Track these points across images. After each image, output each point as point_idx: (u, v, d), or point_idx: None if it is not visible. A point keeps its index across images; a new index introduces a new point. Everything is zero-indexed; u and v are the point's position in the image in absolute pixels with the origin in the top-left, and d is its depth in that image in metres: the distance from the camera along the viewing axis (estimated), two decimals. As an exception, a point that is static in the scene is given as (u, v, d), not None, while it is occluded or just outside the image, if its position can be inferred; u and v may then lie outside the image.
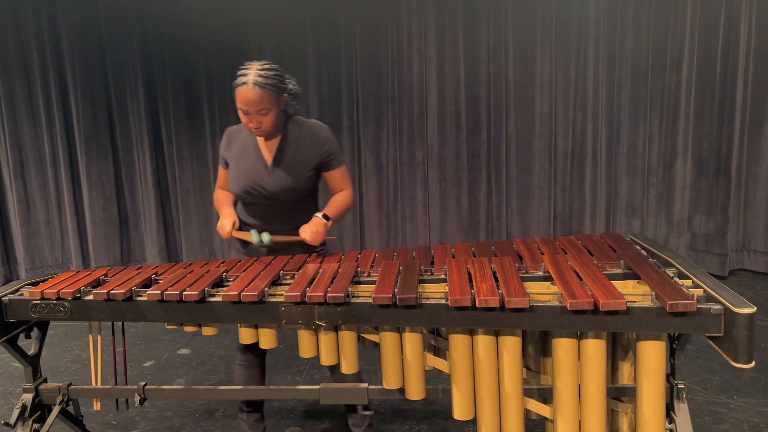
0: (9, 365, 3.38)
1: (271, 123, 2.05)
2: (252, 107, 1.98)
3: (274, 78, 2.00)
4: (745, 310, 1.41)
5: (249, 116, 2.02)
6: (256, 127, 2.04)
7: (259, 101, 1.97)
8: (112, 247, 4.92)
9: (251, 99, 1.97)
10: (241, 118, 2.05)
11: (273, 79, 2.00)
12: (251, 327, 1.83)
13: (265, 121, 2.03)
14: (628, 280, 1.72)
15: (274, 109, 2.03)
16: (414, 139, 4.73)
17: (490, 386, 1.64)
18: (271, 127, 2.06)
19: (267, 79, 1.98)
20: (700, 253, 4.63)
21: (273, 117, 2.04)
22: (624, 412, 1.78)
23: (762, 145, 4.44)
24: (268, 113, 2.02)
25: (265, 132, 2.06)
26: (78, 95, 4.68)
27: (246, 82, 1.96)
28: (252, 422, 2.39)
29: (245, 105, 1.99)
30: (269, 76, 1.99)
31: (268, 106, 2.00)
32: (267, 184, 2.14)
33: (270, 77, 1.99)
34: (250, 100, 1.97)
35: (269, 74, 1.99)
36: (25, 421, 2.02)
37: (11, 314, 1.89)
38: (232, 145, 2.22)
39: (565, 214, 4.76)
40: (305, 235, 2.11)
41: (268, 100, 1.99)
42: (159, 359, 3.44)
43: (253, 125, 2.04)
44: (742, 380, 2.89)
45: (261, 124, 2.03)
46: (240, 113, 2.03)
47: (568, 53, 4.52)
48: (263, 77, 1.97)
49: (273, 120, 2.05)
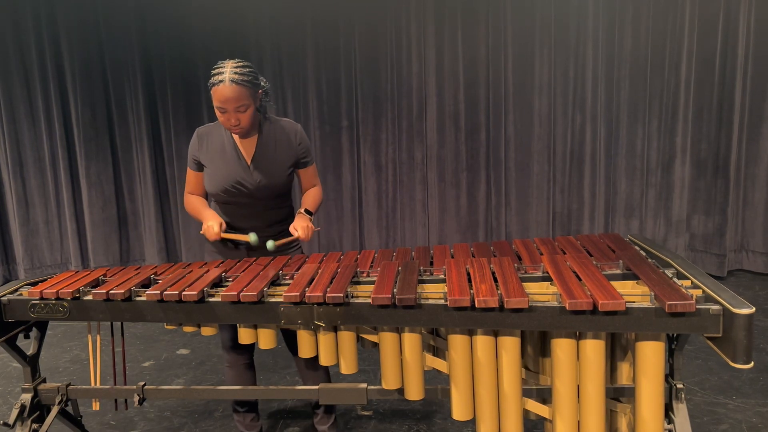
0: (8, 365, 3.38)
1: (249, 119, 2.06)
2: (230, 104, 1.99)
3: (249, 75, 2.02)
4: (744, 311, 1.41)
5: (227, 114, 2.02)
6: (235, 125, 2.05)
7: (236, 98, 1.98)
8: (111, 247, 4.92)
9: (229, 96, 1.98)
10: (219, 116, 2.05)
11: (248, 76, 2.01)
12: (250, 327, 1.83)
13: (243, 118, 2.04)
14: (626, 280, 1.72)
15: (252, 105, 2.04)
16: (413, 139, 4.73)
17: (489, 386, 1.64)
18: (249, 123, 2.07)
19: (243, 76, 1.99)
20: (699, 254, 4.64)
21: (250, 113, 2.05)
22: (623, 413, 1.79)
23: (760, 145, 4.44)
24: (246, 110, 2.03)
25: (243, 129, 2.07)
26: (77, 95, 4.68)
27: (223, 80, 1.97)
28: (248, 422, 2.39)
29: (223, 103, 1.99)
30: (244, 72, 2.00)
31: (245, 102, 2.01)
32: (247, 183, 2.15)
33: (245, 74, 2.00)
34: (228, 97, 1.98)
35: (244, 71, 2.00)
36: (24, 421, 2.02)
37: (10, 314, 1.89)
38: (204, 145, 2.20)
39: (564, 215, 4.76)
40: (299, 232, 2.14)
41: (245, 96, 2.00)
42: (158, 359, 3.44)
43: (231, 123, 2.04)
44: (740, 380, 2.89)
45: (240, 121, 2.04)
46: (217, 112, 2.04)
47: (567, 54, 4.53)
48: (239, 74, 1.98)
49: (250, 116, 2.06)
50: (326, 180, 4.82)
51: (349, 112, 4.73)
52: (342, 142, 4.76)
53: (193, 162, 2.23)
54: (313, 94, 4.71)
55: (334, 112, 4.73)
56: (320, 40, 4.64)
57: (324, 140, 4.78)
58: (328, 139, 4.76)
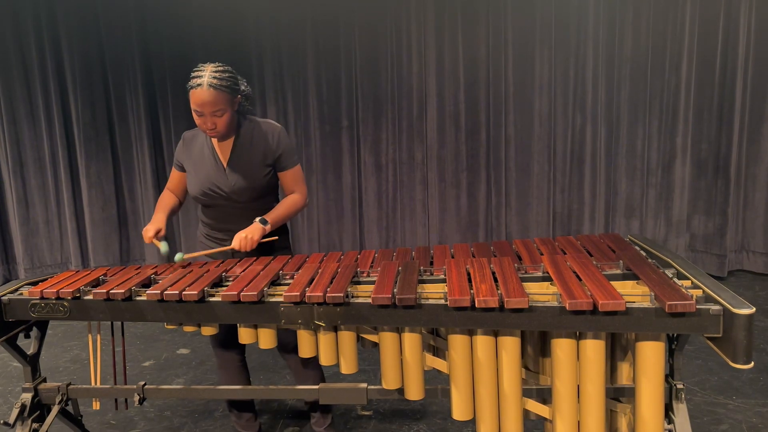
0: (8, 365, 3.38)
1: (225, 124, 2.06)
2: (207, 108, 2.00)
3: (228, 80, 2.02)
4: (744, 311, 1.41)
5: (203, 117, 2.03)
6: (211, 129, 2.05)
7: (213, 102, 1.99)
8: (111, 246, 4.92)
9: (206, 100, 1.98)
10: (196, 119, 2.06)
11: (227, 81, 2.01)
12: (250, 327, 1.83)
13: (219, 123, 2.04)
14: (627, 280, 1.72)
15: (228, 110, 2.04)
16: (413, 139, 4.73)
17: (489, 386, 1.64)
18: (225, 128, 2.07)
19: (221, 81, 1.99)
20: (699, 254, 4.64)
21: (227, 118, 2.05)
22: (623, 413, 1.79)
23: (761, 145, 4.44)
24: (223, 114, 2.03)
25: (219, 133, 2.08)
26: (77, 95, 4.68)
27: (201, 84, 1.97)
28: (244, 422, 2.39)
29: (200, 106, 2.00)
30: (223, 77, 2.00)
31: (222, 107, 2.01)
32: (223, 185, 2.16)
33: (224, 79, 2.00)
34: (205, 101, 1.98)
35: (223, 76, 2.00)
36: (24, 420, 2.02)
37: (10, 314, 1.90)
38: (188, 148, 2.25)
39: (564, 215, 4.76)
40: (234, 242, 2.08)
41: (222, 101, 2.00)
42: (158, 359, 3.44)
43: (207, 126, 2.05)
44: (740, 381, 2.89)
45: (216, 125, 2.05)
46: (194, 115, 2.04)
47: (567, 54, 4.53)
48: (217, 79, 1.98)
49: (227, 121, 2.06)
50: (326, 180, 4.82)
51: (350, 111, 4.73)
52: (342, 142, 4.76)
53: (177, 163, 2.30)
54: (314, 93, 4.71)
55: (334, 111, 4.73)
56: (320, 39, 4.64)
57: (324, 140, 4.78)
58: (329, 139, 4.76)
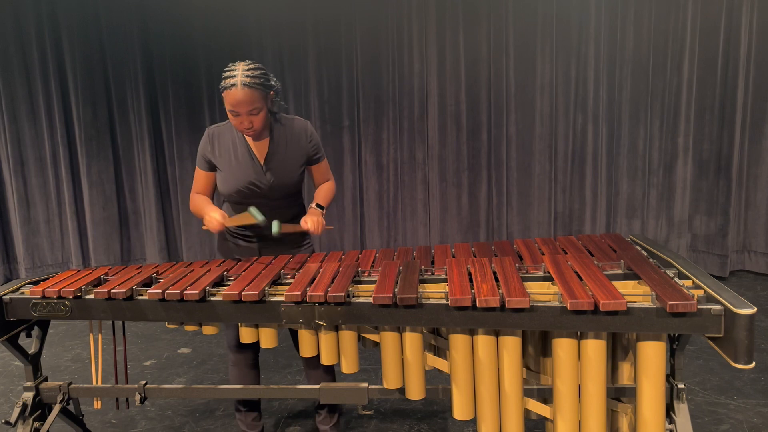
0: (9, 364, 3.38)
1: (262, 122, 2.05)
2: (243, 108, 1.98)
3: (261, 77, 2.01)
4: (746, 311, 1.41)
5: (240, 117, 2.01)
6: (248, 128, 2.04)
7: (249, 101, 1.97)
8: (112, 246, 4.92)
9: (241, 100, 1.96)
10: (231, 119, 2.04)
11: (260, 78, 2.00)
12: (252, 326, 1.83)
13: (256, 121, 2.03)
14: (628, 280, 1.72)
15: (264, 108, 2.04)
16: (414, 139, 4.73)
17: (490, 386, 1.64)
18: (262, 126, 2.06)
19: (254, 79, 1.98)
20: (701, 254, 4.63)
21: (263, 116, 2.04)
22: (624, 413, 1.78)
23: (763, 145, 4.44)
24: (259, 113, 2.02)
25: (256, 131, 2.06)
26: (78, 94, 4.68)
27: (235, 83, 1.96)
28: (249, 421, 2.39)
29: (235, 107, 1.98)
30: (256, 75, 1.99)
31: (258, 105, 2.00)
32: (261, 183, 2.15)
33: (257, 76, 1.99)
34: (240, 101, 1.96)
35: (256, 73, 1.99)
36: (25, 419, 2.03)
37: (12, 313, 1.90)
38: (216, 146, 2.17)
39: (565, 215, 4.76)
40: (309, 225, 2.12)
41: (258, 99, 1.99)
42: (159, 358, 3.44)
43: (244, 126, 2.03)
44: (741, 381, 2.89)
45: (252, 124, 2.03)
46: (230, 115, 2.03)
47: (568, 54, 4.52)
48: (251, 77, 1.97)
49: (263, 119, 2.05)
50: (327, 179, 4.81)
51: (351, 111, 4.73)
52: (343, 141, 4.76)
53: (204, 162, 2.19)
54: (315, 93, 4.71)
55: (335, 111, 4.73)
56: (322, 39, 4.64)
57: (325, 140, 4.77)
58: (330, 138, 4.76)
